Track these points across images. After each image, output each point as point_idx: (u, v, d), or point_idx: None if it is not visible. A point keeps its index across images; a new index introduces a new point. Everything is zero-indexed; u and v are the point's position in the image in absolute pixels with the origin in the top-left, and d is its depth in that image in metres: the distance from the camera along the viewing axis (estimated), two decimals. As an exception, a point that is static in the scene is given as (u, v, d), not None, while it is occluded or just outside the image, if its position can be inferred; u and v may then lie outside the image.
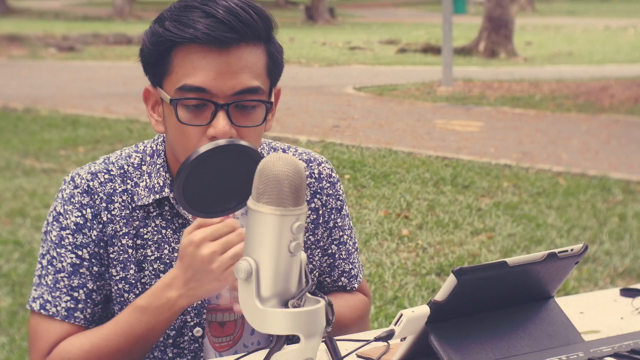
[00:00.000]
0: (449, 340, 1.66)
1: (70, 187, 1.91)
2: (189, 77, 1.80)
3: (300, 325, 1.52)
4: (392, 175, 8.04)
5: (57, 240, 1.90)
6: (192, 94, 1.80)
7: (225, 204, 1.71)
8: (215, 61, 1.79)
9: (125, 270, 1.91)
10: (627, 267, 5.71)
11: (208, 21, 1.78)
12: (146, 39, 1.85)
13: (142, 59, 1.88)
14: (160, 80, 1.85)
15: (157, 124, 1.91)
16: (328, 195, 2.06)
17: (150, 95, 1.90)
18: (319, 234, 2.06)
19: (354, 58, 21.93)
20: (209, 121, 1.81)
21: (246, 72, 1.82)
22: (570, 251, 1.75)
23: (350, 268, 2.12)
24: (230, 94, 1.81)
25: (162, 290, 1.78)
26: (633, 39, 27.82)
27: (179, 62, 1.81)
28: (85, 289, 1.89)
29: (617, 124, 11.79)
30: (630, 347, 1.71)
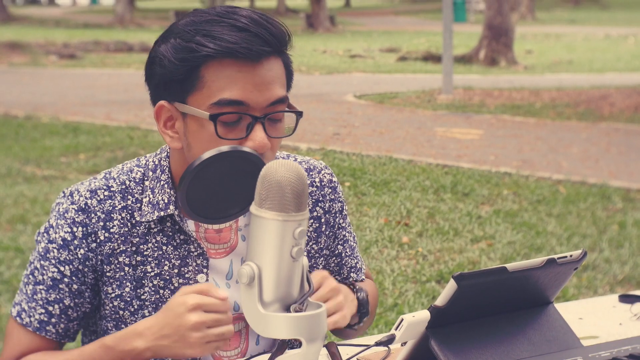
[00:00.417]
0: (449, 345, 1.68)
1: (67, 202, 1.91)
2: (226, 91, 1.79)
3: (302, 329, 1.54)
4: (393, 183, 8.06)
5: (43, 253, 1.90)
6: (231, 108, 1.79)
7: (229, 209, 1.72)
8: (251, 74, 1.79)
9: (121, 288, 1.91)
10: (627, 275, 5.72)
11: (242, 35, 1.78)
12: (169, 54, 1.81)
13: (160, 76, 1.83)
14: (185, 95, 1.82)
15: (172, 141, 1.87)
16: (331, 201, 2.08)
17: (163, 112, 1.87)
18: (322, 242, 2.07)
19: (355, 66, 21.97)
20: (246, 134, 1.80)
21: (276, 83, 1.83)
22: (569, 257, 1.76)
23: (355, 262, 2.17)
24: (265, 105, 1.82)
25: (131, 337, 1.77)
26: (633, 47, 27.86)
27: (212, 76, 1.79)
28: (61, 304, 1.90)
29: (617, 132, 11.82)
30: (629, 352, 1.72)
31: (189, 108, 1.82)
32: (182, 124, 1.85)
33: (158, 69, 1.84)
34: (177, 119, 1.86)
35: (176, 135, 1.87)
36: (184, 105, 1.83)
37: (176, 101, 1.84)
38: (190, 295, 1.71)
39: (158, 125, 1.89)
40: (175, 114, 1.86)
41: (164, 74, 1.83)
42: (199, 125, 1.81)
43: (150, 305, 1.91)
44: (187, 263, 1.91)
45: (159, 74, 1.84)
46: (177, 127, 1.87)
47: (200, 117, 1.80)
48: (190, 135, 1.84)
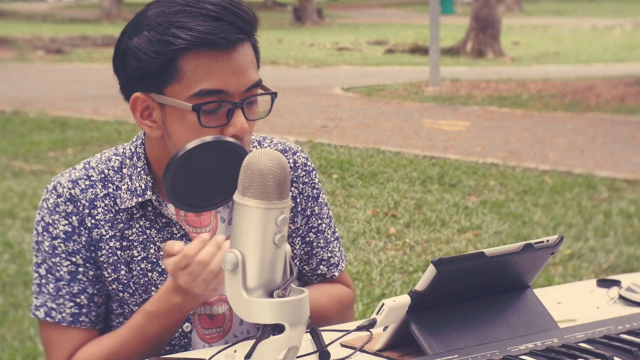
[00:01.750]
0: (429, 329, 1.72)
1: (53, 196, 1.95)
2: (205, 81, 1.83)
3: (285, 314, 1.57)
4: (380, 175, 8.10)
5: (51, 250, 1.94)
6: (211, 97, 1.83)
7: (213, 198, 1.76)
8: (227, 63, 1.84)
9: (117, 272, 1.96)
10: (612, 264, 5.78)
11: (216, 24, 1.82)
12: (144, 47, 1.84)
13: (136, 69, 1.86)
14: (162, 87, 1.86)
15: (152, 130, 1.91)
16: (304, 184, 2.12)
17: (139, 103, 1.90)
18: (298, 222, 2.11)
19: (342, 59, 21.99)
20: (227, 121, 1.85)
21: (251, 67, 1.88)
22: (546, 242, 1.81)
23: (329, 256, 2.16)
24: (242, 91, 1.86)
25: (168, 296, 1.84)
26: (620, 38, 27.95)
27: (191, 67, 1.83)
28: (86, 293, 1.95)
29: (603, 122, 11.88)
30: (603, 334, 1.77)
31: (168, 99, 1.86)
32: (160, 113, 1.89)
33: (133, 62, 1.87)
34: (154, 109, 1.90)
35: (155, 124, 1.91)
36: (162, 96, 1.87)
37: (153, 92, 1.88)
38: (165, 262, 1.78)
39: (135, 116, 1.92)
40: (152, 105, 1.90)
41: (139, 67, 1.86)
42: (179, 115, 1.86)
43: (140, 287, 1.96)
44: None
45: (134, 67, 1.87)
46: (155, 117, 1.91)
47: (181, 107, 1.84)
48: (170, 125, 1.88)
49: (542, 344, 1.71)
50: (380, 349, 1.77)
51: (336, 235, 2.19)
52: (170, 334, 1.90)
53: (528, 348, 1.69)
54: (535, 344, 1.71)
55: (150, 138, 1.97)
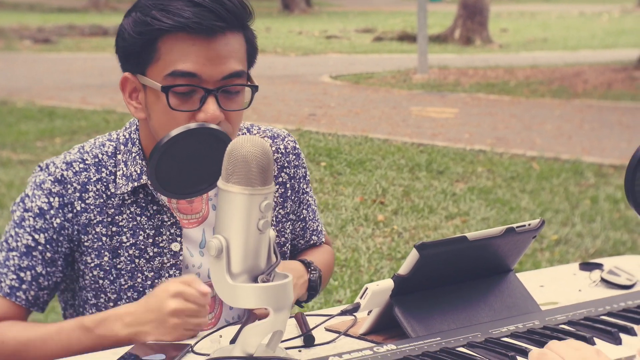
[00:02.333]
0: (412, 312, 1.74)
1: (44, 174, 1.96)
2: (179, 63, 1.85)
3: (270, 299, 1.59)
4: (368, 162, 8.12)
5: (19, 221, 1.95)
6: (183, 80, 1.86)
7: (197, 185, 1.77)
8: (204, 48, 1.86)
9: (100, 258, 1.97)
10: (598, 249, 5.81)
11: (196, 10, 1.84)
12: (129, 27, 1.89)
13: (121, 48, 1.92)
14: (144, 68, 1.89)
15: (136, 111, 1.95)
16: (295, 167, 2.17)
17: (128, 83, 1.94)
18: (288, 207, 2.15)
19: (330, 47, 21.97)
20: (199, 106, 1.87)
21: (232, 57, 1.89)
22: (527, 226, 1.83)
23: (317, 225, 2.27)
24: (218, 79, 1.88)
25: (112, 321, 1.82)
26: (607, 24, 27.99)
27: (167, 49, 1.86)
28: (33, 271, 1.94)
29: (590, 108, 11.92)
30: (584, 315, 1.79)
31: (146, 80, 1.90)
32: (143, 94, 1.93)
33: (120, 41, 1.93)
34: (140, 91, 1.94)
35: (140, 106, 1.95)
36: (143, 77, 1.91)
37: (138, 73, 1.92)
38: (173, 283, 1.78)
39: (124, 96, 1.97)
40: (138, 86, 1.94)
41: (124, 47, 1.92)
42: (156, 97, 1.89)
43: (127, 274, 1.97)
44: (161, 232, 1.97)
45: (121, 46, 1.93)
46: (140, 99, 1.95)
47: (156, 88, 1.87)
48: (149, 106, 1.92)
49: (523, 326, 1.73)
50: (364, 332, 1.79)
51: (315, 202, 2.28)
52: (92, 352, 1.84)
53: (510, 330, 1.72)
54: (517, 326, 1.73)
55: (142, 123, 2.00)
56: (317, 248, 2.29)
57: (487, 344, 1.65)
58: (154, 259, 1.98)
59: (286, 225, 2.15)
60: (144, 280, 1.97)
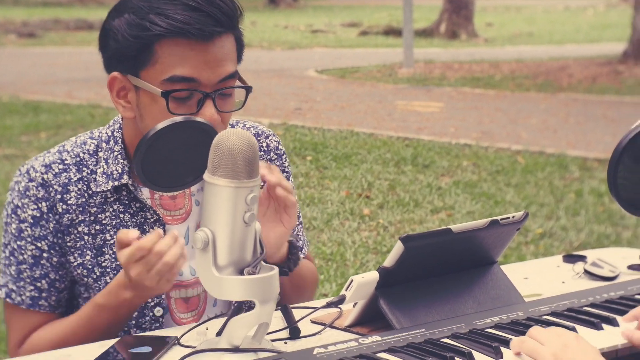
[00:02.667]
0: (397, 304, 1.75)
1: (25, 180, 1.96)
2: (178, 68, 1.85)
3: (255, 291, 1.60)
4: (354, 156, 8.13)
5: (17, 233, 1.96)
6: (182, 85, 1.86)
7: (183, 178, 1.78)
8: (202, 52, 1.86)
9: (83, 257, 1.97)
10: (583, 242, 5.85)
11: (194, 15, 1.84)
12: (123, 29, 1.87)
13: (114, 49, 1.89)
14: (138, 70, 1.88)
15: (125, 110, 1.94)
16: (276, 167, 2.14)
17: (116, 82, 1.93)
18: None
19: (316, 41, 21.97)
20: (197, 110, 1.88)
21: (228, 59, 1.90)
22: (511, 218, 1.84)
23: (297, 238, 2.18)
24: (215, 82, 1.88)
25: (117, 291, 1.84)
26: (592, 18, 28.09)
27: (165, 53, 1.85)
28: (47, 278, 1.96)
29: (575, 102, 11.96)
30: (567, 307, 1.81)
31: (142, 82, 1.89)
32: (134, 95, 1.92)
33: (112, 43, 1.90)
34: (129, 90, 1.93)
35: (129, 105, 1.94)
36: (137, 79, 1.89)
37: (129, 74, 1.91)
38: (118, 254, 1.77)
39: (111, 94, 1.95)
40: (128, 86, 1.92)
41: (117, 48, 1.89)
42: (151, 100, 1.88)
43: (112, 271, 1.97)
44: (144, 230, 1.97)
45: (113, 48, 1.90)
46: (129, 98, 1.93)
47: (153, 92, 1.87)
48: (142, 108, 1.91)
49: (507, 317, 1.75)
50: (350, 324, 1.80)
51: (301, 219, 2.22)
52: (120, 325, 1.91)
53: (493, 321, 1.73)
54: (501, 317, 1.75)
55: (127, 121, 1.99)
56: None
57: (471, 334, 1.67)
58: None
59: None
60: None
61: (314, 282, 2.21)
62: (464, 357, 1.57)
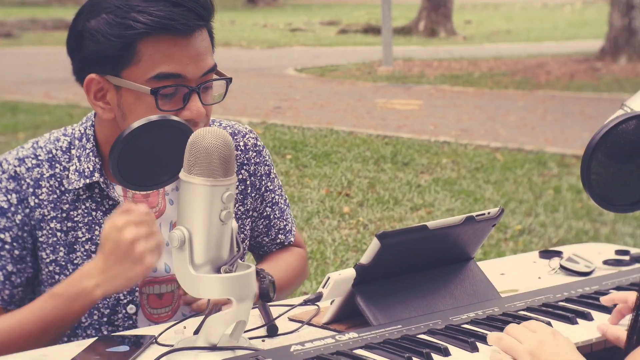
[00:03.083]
0: (374, 301, 1.76)
1: None
2: (163, 65, 1.86)
3: (232, 289, 1.61)
4: (334, 155, 8.14)
5: None
6: (168, 81, 1.87)
7: (159, 177, 1.78)
8: (185, 47, 1.87)
9: (55, 253, 1.97)
10: (561, 238, 5.88)
11: (177, 10, 1.85)
12: (103, 30, 1.86)
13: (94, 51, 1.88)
14: (119, 70, 1.88)
15: (104, 112, 1.93)
16: (256, 164, 2.15)
17: (93, 84, 1.92)
18: (248, 204, 2.14)
19: (295, 40, 21.97)
20: (183, 105, 1.89)
21: (207, 53, 1.92)
22: (487, 214, 1.85)
23: (284, 224, 2.25)
24: (199, 75, 1.90)
25: (80, 279, 1.81)
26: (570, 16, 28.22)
27: (149, 51, 1.86)
28: (4, 270, 1.94)
29: (553, 99, 12.02)
30: (542, 302, 1.82)
31: (125, 82, 1.88)
32: (115, 96, 1.91)
33: (90, 44, 1.89)
34: (108, 91, 1.92)
35: (108, 106, 1.93)
36: (118, 78, 1.89)
37: (108, 74, 1.90)
38: (116, 217, 1.76)
39: (88, 97, 1.94)
40: (107, 86, 1.92)
41: (97, 50, 1.88)
42: (136, 98, 1.88)
43: None
44: None
45: (91, 49, 1.89)
46: (108, 99, 1.93)
47: (139, 90, 1.87)
48: (125, 107, 1.91)
49: (483, 312, 1.76)
50: (327, 321, 1.81)
51: (287, 202, 2.27)
52: (69, 322, 1.85)
53: (470, 317, 1.74)
54: (477, 312, 1.76)
55: (101, 120, 1.98)
56: (284, 251, 2.26)
57: (447, 330, 1.68)
58: None
59: (246, 222, 2.14)
60: None
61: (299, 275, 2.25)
62: (440, 352, 1.58)
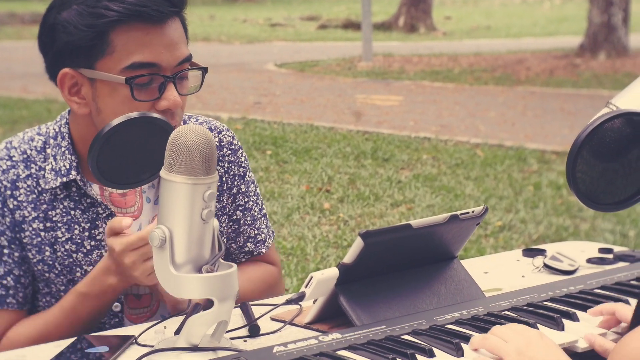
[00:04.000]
0: (357, 300, 1.74)
1: None
2: (136, 54, 1.83)
3: (214, 289, 1.58)
4: (314, 150, 8.12)
5: None
6: (144, 70, 1.84)
7: (139, 175, 1.75)
8: (159, 36, 1.84)
9: (41, 253, 1.94)
10: (542, 234, 5.88)
11: None
12: (74, 21, 1.83)
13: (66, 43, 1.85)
14: (92, 61, 1.85)
15: (79, 107, 1.89)
16: (230, 163, 2.11)
17: (67, 79, 1.88)
18: (224, 201, 2.10)
19: (275, 35, 21.93)
20: (159, 95, 1.86)
21: (182, 42, 1.89)
22: (471, 213, 1.84)
23: (256, 234, 2.15)
24: (174, 65, 1.87)
25: (102, 277, 1.83)
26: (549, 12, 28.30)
27: (122, 41, 1.83)
28: (12, 275, 1.93)
29: (533, 95, 12.05)
30: (527, 301, 1.80)
31: (99, 73, 1.85)
32: (89, 89, 1.88)
33: (62, 37, 1.86)
34: (82, 85, 1.89)
35: (83, 101, 1.90)
36: (92, 71, 1.86)
37: (82, 67, 1.87)
38: (113, 243, 1.76)
39: (62, 93, 1.91)
40: (81, 80, 1.88)
41: (69, 42, 1.85)
42: (111, 89, 1.85)
43: (65, 269, 1.94)
44: (96, 225, 1.94)
45: (64, 42, 1.86)
46: (83, 93, 1.89)
47: (113, 81, 1.84)
48: (100, 100, 1.87)
49: (467, 312, 1.74)
50: (310, 321, 1.78)
51: (263, 212, 2.18)
52: (102, 313, 1.90)
53: (454, 317, 1.72)
54: (461, 312, 1.74)
55: (76, 116, 1.95)
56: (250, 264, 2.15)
57: (431, 331, 1.66)
58: (92, 252, 1.95)
59: (221, 220, 2.09)
60: (83, 274, 1.95)
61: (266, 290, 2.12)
62: (424, 354, 1.56)
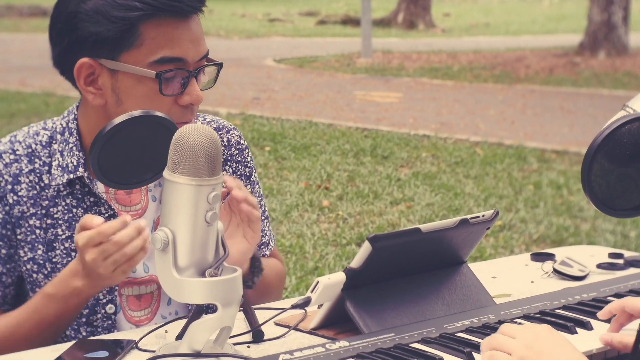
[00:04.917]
0: (364, 306, 1.69)
1: None
2: (166, 49, 1.81)
3: (218, 294, 1.53)
4: (313, 147, 8.07)
5: None
6: (171, 65, 1.82)
7: (142, 174, 1.70)
8: (186, 31, 1.84)
9: (33, 251, 1.90)
10: (542, 234, 5.84)
11: None
12: (105, 12, 1.80)
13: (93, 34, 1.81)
14: (117, 53, 1.82)
15: (95, 98, 1.86)
16: (237, 162, 2.08)
17: (84, 69, 1.85)
18: None
19: (274, 30, 21.89)
20: (182, 90, 1.84)
21: (203, 37, 1.89)
22: (481, 217, 1.79)
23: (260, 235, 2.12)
24: (197, 60, 1.86)
25: (68, 279, 1.76)
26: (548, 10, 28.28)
27: (151, 34, 1.81)
28: None
29: (533, 93, 12.01)
30: (539, 309, 1.76)
31: (124, 65, 1.82)
32: (109, 80, 1.85)
33: (87, 26, 1.82)
34: (100, 75, 1.85)
35: (99, 92, 1.86)
36: (115, 62, 1.83)
37: (103, 58, 1.83)
38: (77, 236, 1.69)
39: (78, 82, 1.87)
40: (100, 71, 1.85)
41: (95, 32, 1.81)
42: (136, 82, 1.83)
43: (63, 267, 1.89)
44: None
45: (89, 31, 1.82)
46: (100, 84, 1.86)
47: (140, 74, 1.81)
48: (122, 92, 1.84)
49: (478, 320, 1.70)
50: (315, 327, 1.74)
51: (266, 214, 2.15)
52: (69, 318, 1.82)
53: (464, 325, 1.68)
54: (472, 320, 1.70)
55: (87, 109, 1.91)
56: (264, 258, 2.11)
57: (441, 339, 1.61)
58: None
59: None
60: None
61: (279, 283, 2.13)
62: (434, 362, 1.51)
